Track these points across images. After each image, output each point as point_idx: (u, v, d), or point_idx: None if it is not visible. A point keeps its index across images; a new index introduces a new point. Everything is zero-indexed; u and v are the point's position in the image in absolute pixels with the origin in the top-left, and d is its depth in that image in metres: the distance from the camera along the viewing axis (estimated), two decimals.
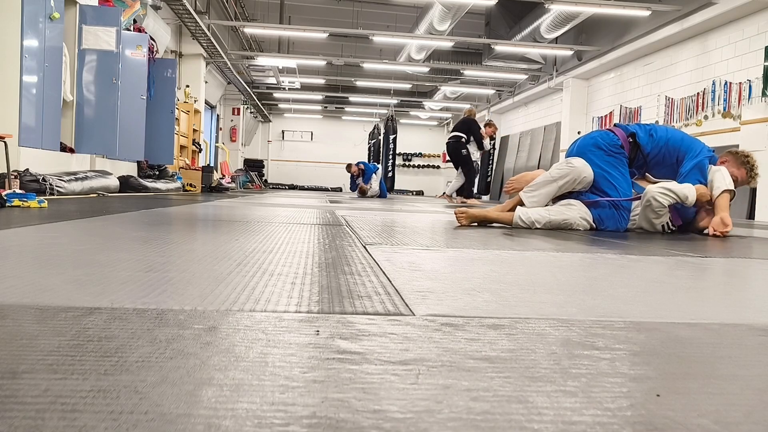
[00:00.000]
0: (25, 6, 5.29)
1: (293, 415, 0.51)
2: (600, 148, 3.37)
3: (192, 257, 1.51)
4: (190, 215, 3.47)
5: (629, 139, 3.43)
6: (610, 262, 1.82)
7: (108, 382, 0.57)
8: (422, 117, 22.78)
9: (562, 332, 0.86)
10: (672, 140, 3.44)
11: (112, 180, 6.63)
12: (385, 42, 13.37)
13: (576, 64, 12.05)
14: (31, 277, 1.11)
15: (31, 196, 3.55)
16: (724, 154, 3.49)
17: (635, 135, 3.43)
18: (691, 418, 0.55)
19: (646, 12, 8.91)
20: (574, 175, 3.28)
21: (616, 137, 3.42)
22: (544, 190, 3.32)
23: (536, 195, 3.32)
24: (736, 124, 7.73)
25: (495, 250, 2.01)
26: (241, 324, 0.82)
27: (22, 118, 5.34)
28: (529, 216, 3.22)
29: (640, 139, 3.43)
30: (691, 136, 3.59)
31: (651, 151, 3.44)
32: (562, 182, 3.29)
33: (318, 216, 3.65)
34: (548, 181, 3.32)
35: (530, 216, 3.22)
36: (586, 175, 3.28)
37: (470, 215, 3.32)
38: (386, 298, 1.06)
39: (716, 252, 2.35)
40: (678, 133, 3.54)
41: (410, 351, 0.73)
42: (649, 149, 3.43)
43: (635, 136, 3.43)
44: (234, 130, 18.00)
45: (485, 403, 0.56)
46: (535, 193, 3.32)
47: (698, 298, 1.26)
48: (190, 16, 9.66)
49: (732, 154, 3.47)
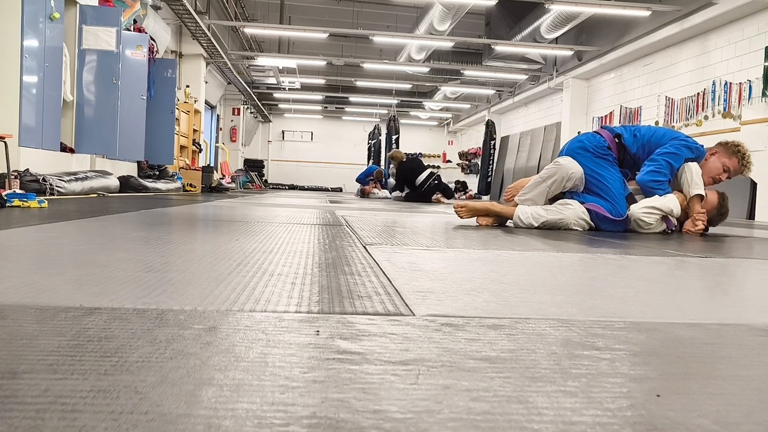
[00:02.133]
0: (25, 6, 5.30)
1: (293, 415, 0.51)
2: (587, 150, 3.39)
3: (192, 257, 1.51)
4: (190, 215, 3.47)
5: (615, 140, 3.45)
6: (610, 263, 1.82)
7: (108, 382, 0.57)
8: (422, 117, 22.78)
9: (562, 332, 0.86)
10: (654, 136, 3.47)
11: (113, 180, 6.63)
12: (385, 42, 13.37)
13: (576, 65, 12.05)
14: (31, 277, 1.11)
15: (31, 196, 3.55)
16: (715, 146, 3.51)
17: (621, 136, 3.46)
18: (691, 419, 0.55)
19: (646, 12, 8.91)
20: (562, 173, 3.30)
21: (603, 139, 3.44)
22: (536, 190, 3.35)
23: (529, 196, 3.36)
24: (737, 124, 7.73)
25: (495, 251, 2.01)
26: (241, 324, 0.82)
27: (22, 118, 5.34)
28: (528, 215, 3.24)
29: (625, 140, 3.46)
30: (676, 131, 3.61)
31: (637, 151, 3.47)
32: (551, 181, 3.32)
33: (318, 216, 3.65)
34: (538, 182, 3.36)
35: (529, 215, 3.24)
36: (573, 171, 3.30)
37: (471, 208, 3.34)
38: (386, 299, 1.06)
39: (716, 252, 2.35)
40: (661, 130, 3.57)
41: (410, 351, 0.73)
42: (635, 149, 3.47)
43: (621, 137, 3.46)
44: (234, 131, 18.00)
45: (485, 404, 0.56)
46: (528, 195, 3.36)
47: (698, 298, 1.26)
48: (190, 16, 9.67)
49: (722, 144, 3.48)
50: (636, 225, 3.28)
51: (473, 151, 19.91)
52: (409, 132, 22.56)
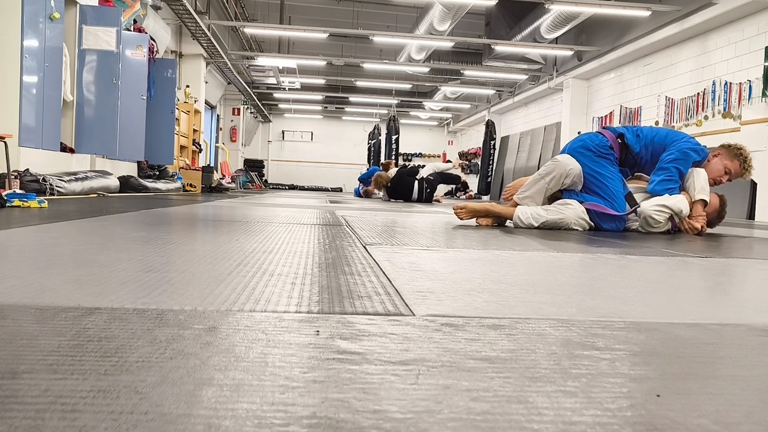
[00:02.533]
0: (25, 6, 5.30)
1: (293, 415, 0.51)
2: (589, 149, 3.40)
3: (192, 257, 1.51)
4: (190, 215, 3.47)
5: (618, 140, 3.46)
6: (610, 263, 1.82)
7: (108, 382, 0.57)
8: (422, 117, 22.78)
9: (562, 332, 0.86)
10: (657, 137, 3.48)
11: (113, 180, 6.63)
12: (385, 42, 13.37)
13: (576, 65, 12.05)
14: (32, 277, 1.11)
15: (32, 196, 3.55)
16: (717, 148, 3.52)
17: (623, 136, 3.47)
18: (691, 419, 0.55)
19: (646, 12, 8.91)
20: (560, 170, 3.30)
21: (605, 138, 3.45)
22: (535, 187, 3.36)
23: (528, 194, 3.36)
24: (736, 124, 7.73)
25: (495, 251, 2.01)
26: (241, 324, 0.82)
27: (22, 118, 5.34)
28: (528, 215, 3.24)
29: (628, 140, 3.47)
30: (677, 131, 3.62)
31: (640, 151, 3.48)
32: (549, 178, 3.32)
33: (318, 216, 3.65)
34: (537, 179, 3.36)
35: (528, 215, 3.24)
36: (572, 168, 3.30)
37: (470, 209, 3.33)
38: (386, 299, 1.05)
39: (716, 252, 2.35)
40: (663, 130, 3.58)
41: (410, 351, 0.73)
42: (638, 149, 3.48)
43: (623, 137, 3.46)
44: (234, 131, 18.00)
45: (485, 404, 0.56)
46: (527, 193, 3.37)
47: (698, 298, 1.26)
48: (190, 16, 9.67)
49: (725, 147, 3.49)
50: (645, 222, 3.28)
51: (473, 151, 19.91)
52: (409, 132, 22.56)
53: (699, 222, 3.26)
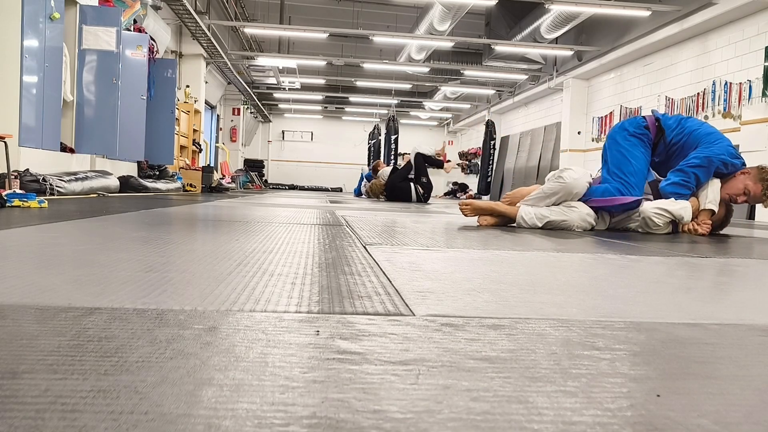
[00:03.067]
0: (25, 6, 5.30)
1: (293, 416, 0.51)
2: (625, 129, 3.51)
3: (192, 257, 1.51)
4: (190, 215, 3.47)
5: (656, 123, 3.49)
6: (610, 263, 1.82)
7: (108, 382, 0.57)
8: (422, 117, 22.78)
9: (562, 332, 0.86)
10: (696, 133, 3.44)
11: (113, 180, 6.63)
12: (385, 42, 13.37)
13: (576, 65, 12.05)
14: (32, 277, 1.11)
15: (32, 196, 3.55)
16: (753, 167, 3.42)
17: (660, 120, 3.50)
18: (691, 419, 0.55)
19: (646, 12, 8.91)
20: (566, 191, 3.29)
21: (643, 119, 3.53)
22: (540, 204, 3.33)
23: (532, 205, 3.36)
24: (737, 124, 7.72)
25: (495, 251, 2.01)
26: (241, 324, 0.82)
27: (22, 118, 5.34)
28: (532, 215, 3.24)
29: (664, 123, 3.48)
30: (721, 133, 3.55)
31: (672, 139, 3.47)
32: (555, 198, 3.30)
33: (318, 216, 3.65)
34: (542, 197, 3.32)
35: (532, 215, 3.24)
36: (578, 191, 3.29)
37: (475, 207, 3.35)
38: (386, 299, 1.05)
39: (716, 252, 2.35)
40: (707, 129, 3.50)
41: (410, 351, 0.73)
42: (671, 136, 3.47)
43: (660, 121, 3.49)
44: (234, 131, 18.00)
45: (485, 404, 0.56)
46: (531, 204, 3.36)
47: (698, 298, 1.26)
48: (190, 16, 9.66)
49: (758, 168, 3.40)
50: (644, 223, 3.28)
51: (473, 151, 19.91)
52: (408, 132, 22.56)
53: (703, 229, 3.25)
